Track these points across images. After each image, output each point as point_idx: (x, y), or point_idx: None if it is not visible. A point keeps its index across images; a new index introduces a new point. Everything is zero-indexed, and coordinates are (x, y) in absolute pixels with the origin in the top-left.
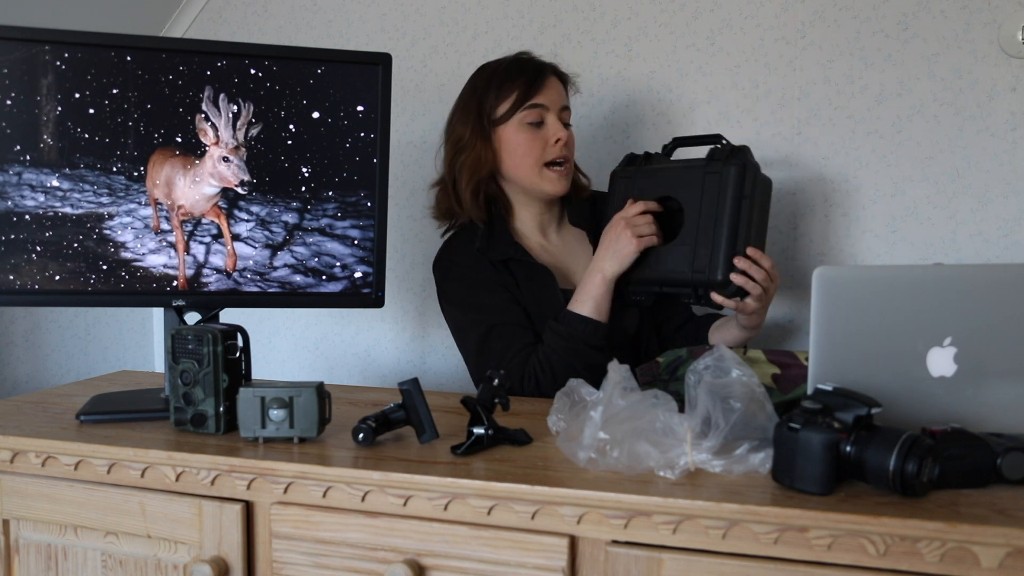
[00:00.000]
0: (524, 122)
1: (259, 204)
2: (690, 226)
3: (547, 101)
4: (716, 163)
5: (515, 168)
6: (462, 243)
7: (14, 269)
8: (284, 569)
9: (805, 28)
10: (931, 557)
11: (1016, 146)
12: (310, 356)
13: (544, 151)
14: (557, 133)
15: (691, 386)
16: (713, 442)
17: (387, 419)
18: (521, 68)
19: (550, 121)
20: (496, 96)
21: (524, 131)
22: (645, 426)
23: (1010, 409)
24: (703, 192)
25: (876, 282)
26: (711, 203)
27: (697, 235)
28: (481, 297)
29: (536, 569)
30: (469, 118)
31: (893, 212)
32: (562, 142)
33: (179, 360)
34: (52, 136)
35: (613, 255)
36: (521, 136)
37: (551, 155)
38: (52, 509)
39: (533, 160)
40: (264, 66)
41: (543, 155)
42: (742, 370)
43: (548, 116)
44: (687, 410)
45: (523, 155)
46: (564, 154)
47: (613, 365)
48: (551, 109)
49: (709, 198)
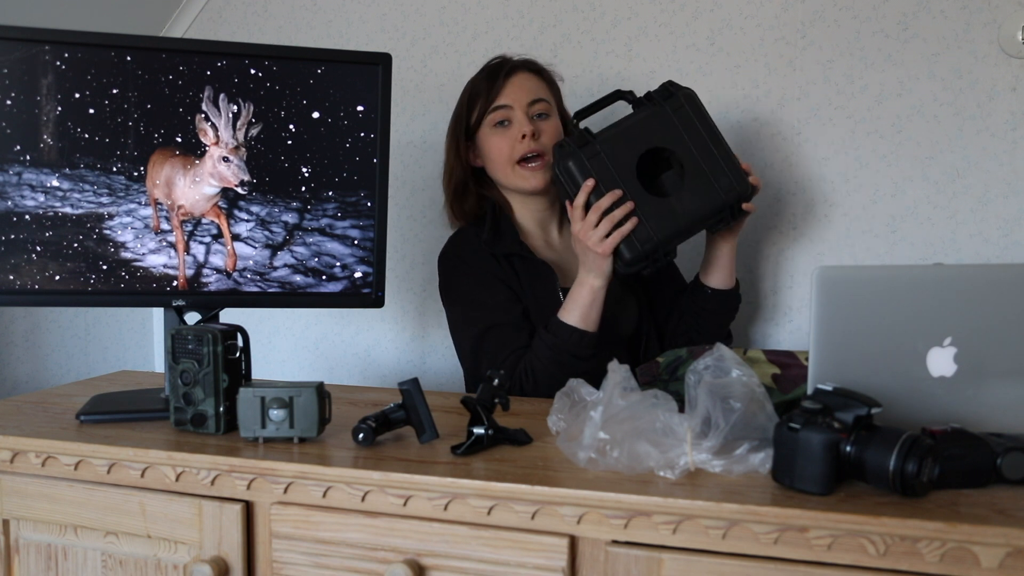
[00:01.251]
0: (491, 125)
1: (259, 204)
2: (691, 162)
3: (510, 100)
4: (673, 100)
5: (494, 171)
6: (468, 237)
7: (14, 269)
8: (284, 569)
9: (805, 28)
10: (931, 557)
11: (1016, 146)
12: (310, 356)
13: (512, 149)
14: (521, 129)
15: (691, 386)
16: (713, 442)
17: (387, 419)
18: (487, 73)
19: (516, 118)
20: (468, 107)
21: (494, 134)
22: (645, 426)
23: (1010, 409)
24: (682, 128)
25: (876, 282)
26: (695, 134)
27: (703, 165)
28: (482, 295)
29: (536, 569)
30: (452, 130)
31: (893, 212)
32: (527, 137)
33: (179, 360)
34: (52, 136)
35: (590, 271)
36: (492, 139)
37: (519, 152)
38: (52, 509)
39: (504, 160)
40: (264, 66)
41: (512, 153)
42: (742, 370)
43: (514, 114)
44: (687, 410)
45: (495, 157)
46: (533, 148)
47: (613, 365)
48: (515, 107)
49: (691, 131)
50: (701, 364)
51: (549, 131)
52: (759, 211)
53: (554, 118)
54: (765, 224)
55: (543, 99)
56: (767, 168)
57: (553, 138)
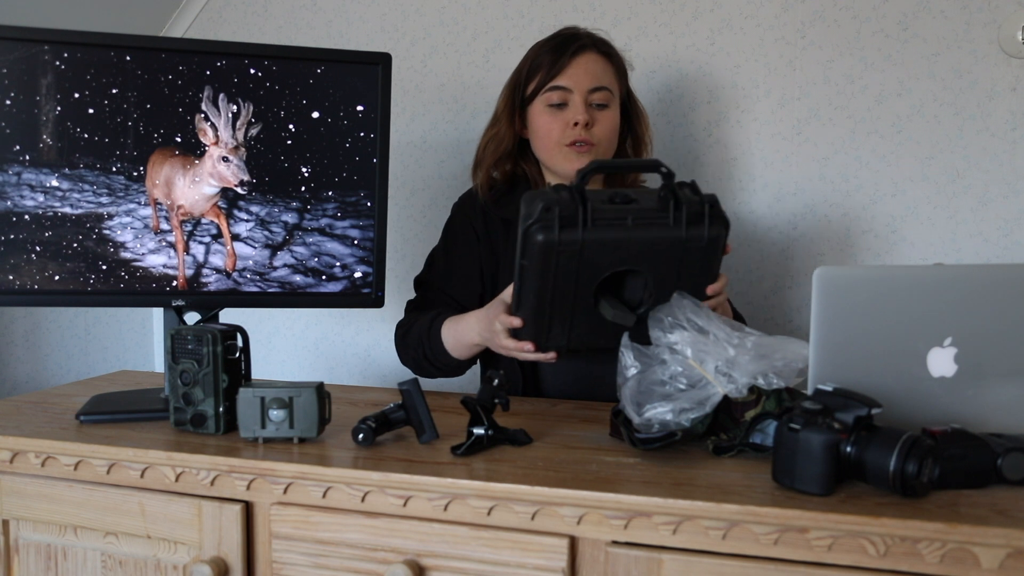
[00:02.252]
0: (547, 104)
1: (259, 204)
2: (661, 295)
3: (570, 83)
4: (696, 227)
5: (539, 149)
6: (474, 201)
7: (14, 269)
8: (284, 569)
9: (805, 28)
10: (931, 558)
11: (1016, 146)
12: (310, 356)
13: (563, 133)
14: (575, 116)
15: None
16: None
17: (387, 419)
18: (554, 46)
19: (574, 103)
20: (528, 74)
21: (546, 113)
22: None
23: (1010, 409)
24: (683, 263)
25: (876, 282)
26: (690, 275)
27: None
28: (444, 257)
29: (536, 569)
30: (508, 93)
31: (893, 212)
32: (580, 126)
33: (179, 360)
34: (52, 136)
35: (483, 336)
36: (543, 118)
37: (569, 138)
38: (52, 509)
39: (552, 142)
40: (264, 66)
41: (562, 137)
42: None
43: (572, 98)
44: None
45: (543, 136)
46: (583, 137)
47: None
48: (575, 91)
49: (688, 270)
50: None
51: (605, 122)
52: (759, 211)
53: (613, 109)
54: (765, 224)
55: (606, 87)
56: (767, 168)
57: (608, 131)
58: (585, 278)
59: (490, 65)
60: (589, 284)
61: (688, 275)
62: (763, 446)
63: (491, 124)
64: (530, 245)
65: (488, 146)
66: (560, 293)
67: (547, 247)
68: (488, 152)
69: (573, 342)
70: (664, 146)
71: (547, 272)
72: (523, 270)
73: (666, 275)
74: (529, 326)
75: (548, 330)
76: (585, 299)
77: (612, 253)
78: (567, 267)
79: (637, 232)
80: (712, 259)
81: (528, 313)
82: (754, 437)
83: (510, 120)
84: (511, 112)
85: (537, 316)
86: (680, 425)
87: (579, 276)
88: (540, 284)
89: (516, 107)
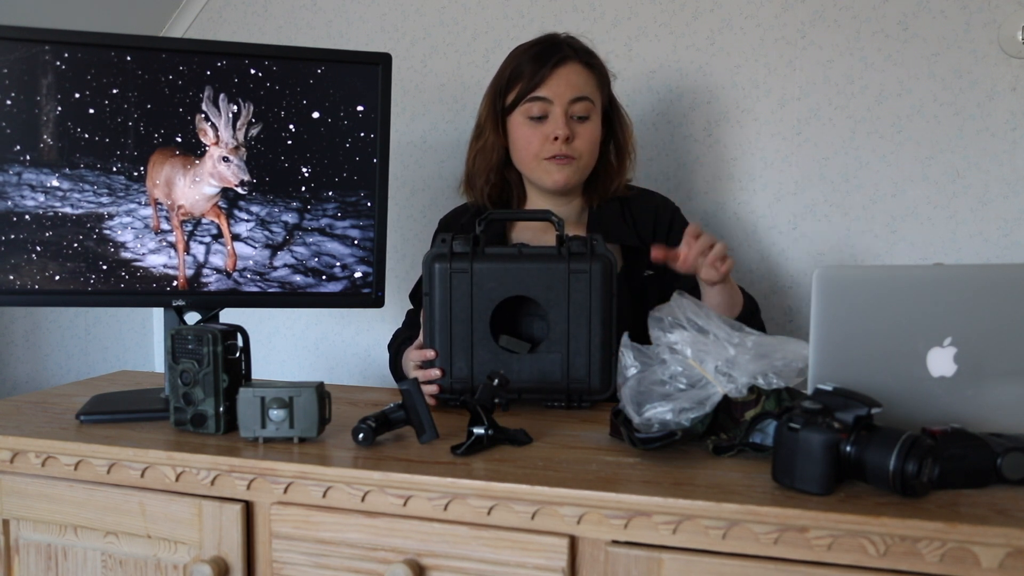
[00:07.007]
0: (526, 115)
1: (259, 204)
2: (557, 331)
3: (551, 94)
4: (579, 258)
5: (518, 161)
6: (457, 214)
7: (14, 269)
8: (284, 569)
9: (805, 28)
10: (931, 557)
11: (1016, 146)
12: (310, 356)
13: (542, 147)
14: (556, 130)
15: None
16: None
17: (387, 419)
18: (536, 55)
19: (554, 115)
20: (508, 84)
21: (525, 125)
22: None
23: (1010, 409)
24: (569, 296)
25: (876, 282)
26: (579, 306)
27: (569, 342)
28: None
29: (536, 569)
30: (489, 101)
31: (893, 212)
32: (560, 140)
33: (179, 360)
34: (52, 136)
35: (409, 369)
36: (522, 130)
37: (548, 152)
38: (52, 509)
39: (532, 155)
40: (264, 66)
41: (541, 151)
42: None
43: (552, 110)
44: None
45: (522, 149)
46: (564, 151)
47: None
48: (556, 102)
49: (577, 300)
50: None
51: (585, 135)
52: (759, 211)
53: (594, 120)
54: (765, 224)
55: (587, 98)
56: (767, 168)
57: (588, 144)
58: (480, 304)
59: (490, 65)
60: (485, 312)
61: (580, 302)
62: (763, 446)
63: (476, 135)
64: (430, 275)
65: (477, 159)
66: (459, 321)
67: (443, 273)
68: (479, 166)
69: (476, 373)
70: (664, 146)
71: (446, 299)
72: (428, 301)
73: (555, 301)
74: (441, 358)
75: (451, 362)
76: (483, 330)
77: (502, 278)
78: (462, 291)
79: (525, 262)
80: (607, 284)
81: (435, 344)
82: (754, 437)
83: (495, 129)
84: (495, 121)
85: (442, 347)
86: (680, 425)
87: (474, 302)
88: (441, 313)
89: (499, 116)
